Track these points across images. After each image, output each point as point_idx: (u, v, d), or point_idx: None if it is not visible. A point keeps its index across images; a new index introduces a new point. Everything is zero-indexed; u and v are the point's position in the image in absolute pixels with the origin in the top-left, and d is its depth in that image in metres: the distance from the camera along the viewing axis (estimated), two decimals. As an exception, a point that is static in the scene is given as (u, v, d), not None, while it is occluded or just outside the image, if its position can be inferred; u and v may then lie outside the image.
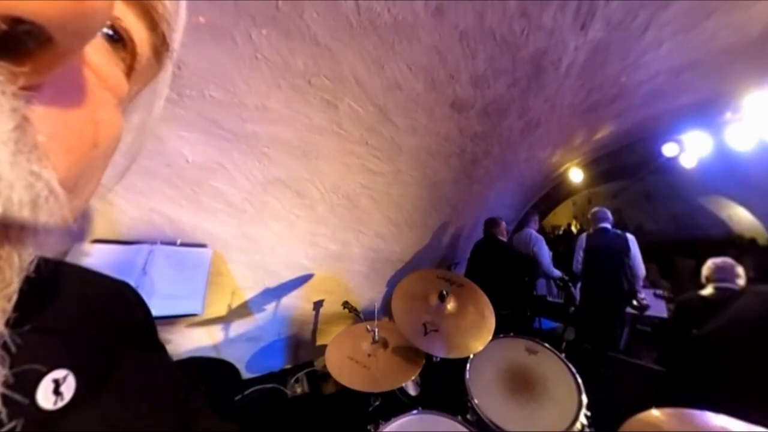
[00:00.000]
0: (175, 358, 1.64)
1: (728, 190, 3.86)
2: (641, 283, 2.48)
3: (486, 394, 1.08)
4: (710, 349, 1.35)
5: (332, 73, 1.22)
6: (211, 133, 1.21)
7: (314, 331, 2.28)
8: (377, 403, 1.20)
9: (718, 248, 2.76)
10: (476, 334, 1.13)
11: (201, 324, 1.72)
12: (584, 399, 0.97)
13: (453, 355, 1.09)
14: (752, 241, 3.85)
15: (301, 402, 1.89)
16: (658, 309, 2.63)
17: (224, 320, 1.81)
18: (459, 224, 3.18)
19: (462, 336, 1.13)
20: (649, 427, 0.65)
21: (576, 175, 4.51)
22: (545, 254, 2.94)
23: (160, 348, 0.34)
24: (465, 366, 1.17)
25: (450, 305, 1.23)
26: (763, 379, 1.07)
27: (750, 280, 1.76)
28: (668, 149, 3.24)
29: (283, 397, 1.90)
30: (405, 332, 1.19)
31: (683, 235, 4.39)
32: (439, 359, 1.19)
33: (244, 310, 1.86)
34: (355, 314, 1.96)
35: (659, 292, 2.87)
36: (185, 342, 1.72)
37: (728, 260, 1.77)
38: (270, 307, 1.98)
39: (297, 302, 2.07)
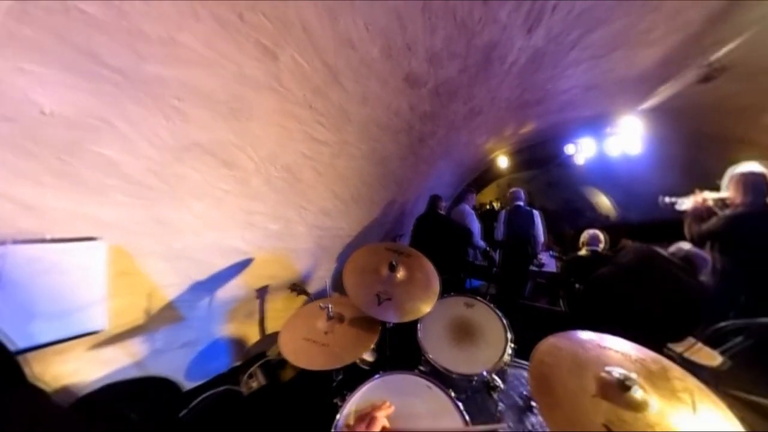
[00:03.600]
0: (83, 392, 1.24)
1: (599, 183, 5.61)
2: (541, 247, 3.27)
3: (436, 346, 1.23)
4: (600, 286, 1.87)
5: (274, 12, 0.98)
6: (85, 71, 0.82)
7: (261, 321, 2.06)
8: (340, 377, 1.21)
9: (590, 223, 3.73)
10: (424, 298, 1.23)
11: (111, 341, 1.33)
12: (510, 335, 1.22)
13: (406, 319, 1.16)
14: (607, 218, 5.71)
15: (261, 396, 1.72)
16: (551, 266, 3.53)
17: (144, 330, 1.44)
18: (403, 200, 3.29)
19: (413, 301, 1.22)
20: (550, 346, 0.91)
21: (503, 162, 5.53)
22: (476, 227, 3.45)
23: (29, 392, 0.22)
24: (416, 326, 1.29)
25: (400, 274, 1.30)
26: (635, 304, 1.51)
27: (607, 243, 2.59)
28: (568, 149, 4.30)
29: (239, 396, 1.69)
30: (359, 304, 1.20)
31: (569, 213, 6.17)
32: (392, 325, 1.26)
33: (169, 312, 1.52)
34: (305, 295, 1.85)
35: (552, 253, 3.84)
36: (94, 368, 1.32)
37: (596, 231, 2.57)
38: (203, 304, 1.67)
39: (237, 292, 1.82)
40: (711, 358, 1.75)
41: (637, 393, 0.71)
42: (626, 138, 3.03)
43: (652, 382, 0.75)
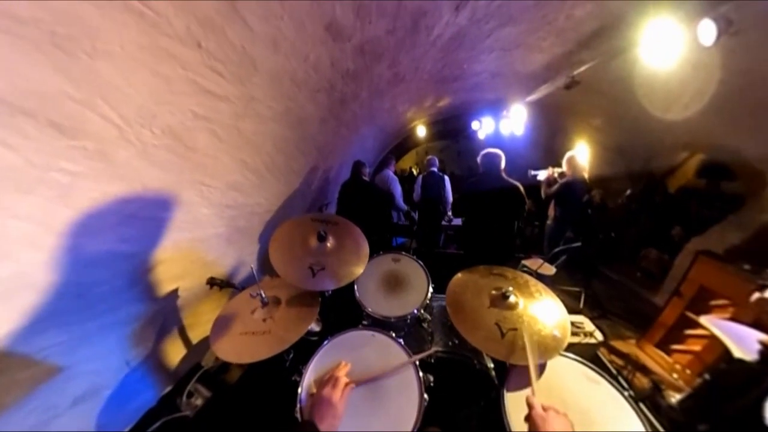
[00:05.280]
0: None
1: None
2: (449, 205, 3.91)
3: (373, 300, 1.39)
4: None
5: None
6: None
7: (182, 331, 1.66)
8: (291, 356, 1.19)
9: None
10: (356, 261, 1.30)
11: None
12: (430, 279, 1.48)
13: (343, 284, 1.21)
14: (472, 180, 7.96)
15: (211, 409, 1.45)
16: (457, 220, 4.32)
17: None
18: (326, 167, 3.11)
19: (346, 266, 1.27)
20: (458, 280, 1.27)
21: (421, 131, 6.08)
22: (398, 191, 3.78)
23: None
24: (353, 287, 1.40)
25: (330, 243, 1.31)
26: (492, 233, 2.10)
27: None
28: (474, 125, 5.17)
29: (186, 421, 1.38)
30: (293, 281, 1.17)
31: (471, 177, 7.69)
32: (330, 292, 1.29)
33: (30, 371, 0.99)
34: (230, 287, 1.58)
35: None
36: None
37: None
38: (86, 339, 1.17)
39: (135, 308, 1.36)
40: (550, 270, 2.76)
41: (512, 298, 1.10)
42: (514, 122, 3.84)
43: (520, 290, 1.16)
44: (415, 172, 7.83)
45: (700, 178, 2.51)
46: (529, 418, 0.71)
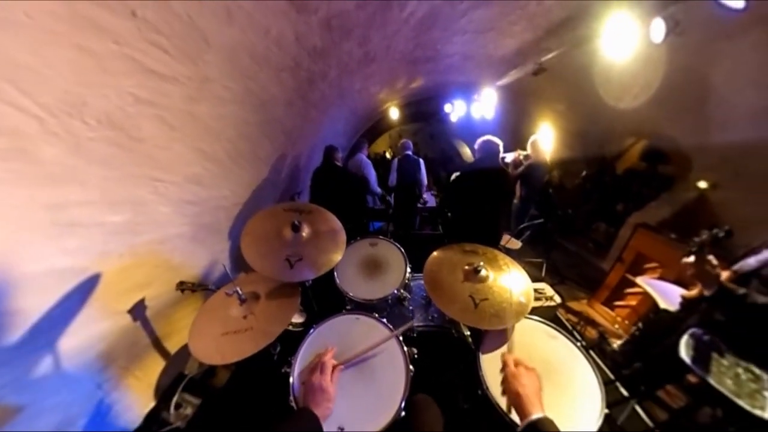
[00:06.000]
0: None
1: (465, 138, 7.10)
2: (424, 188, 3.99)
3: (353, 285, 1.42)
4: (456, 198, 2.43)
5: None
6: None
7: (157, 343, 1.51)
8: (278, 349, 1.17)
9: (457, 168, 4.83)
10: (334, 248, 1.29)
11: None
12: (407, 260, 1.53)
13: (322, 273, 1.21)
14: (470, 164, 8.01)
15: (204, 415, 1.37)
16: (432, 202, 4.50)
17: None
18: (296, 153, 2.93)
19: (324, 254, 1.25)
20: (434, 259, 1.34)
21: (394, 113, 5.92)
22: (373, 176, 3.72)
23: None
24: (333, 274, 1.40)
25: (305, 232, 1.28)
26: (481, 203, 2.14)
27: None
28: (446, 108, 5.20)
29: None
30: (271, 274, 1.13)
31: (444, 160, 7.82)
32: (311, 282, 1.28)
33: None
34: (202, 289, 1.47)
35: (432, 192, 4.89)
36: None
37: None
38: (43, 370, 1.02)
39: (97, 327, 1.19)
40: (516, 244, 2.95)
41: (483, 272, 1.19)
42: (485, 105, 3.92)
43: (490, 264, 1.25)
44: (388, 156, 7.73)
45: (643, 161, 2.83)
46: (503, 374, 0.80)
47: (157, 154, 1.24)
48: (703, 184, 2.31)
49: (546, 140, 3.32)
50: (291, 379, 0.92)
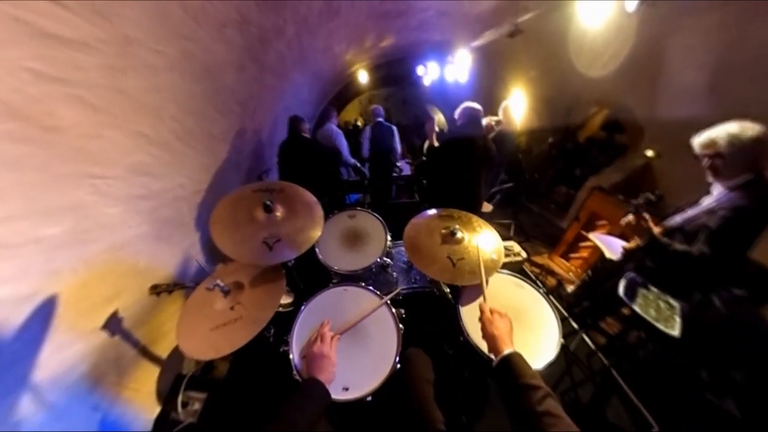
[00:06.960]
0: None
1: (439, 103, 7.01)
2: (399, 156, 3.93)
3: (336, 258, 1.44)
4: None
5: None
6: None
7: (144, 350, 1.40)
8: (272, 331, 1.18)
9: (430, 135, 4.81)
10: (312, 225, 1.26)
11: None
12: (387, 229, 1.57)
13: (303, 250, 1.19)
14: (441, 131, 7.76)
15: (213, 407, 1.35)
16: (407, 171, 4.45)
17: None
18: (256, 126, 2.62)
19: (303, 232, 1.23)
20: (412, 225, 1.42)
21: (363, 77, 5.47)
22: (345, 146, 3.54)
23: None
24: (314, 251, 1.42)
25: (279, 212, 1.24)
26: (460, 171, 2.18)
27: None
28: (419, 70, 4.89)
29: (194, 427, 1.29)
30: (250, 260, 1.10)
31: (418, 127, 7.48)
32: (293, 261, 1.27)
33: None
34: (180, 288, 1.36)
35: (407, 160, 4.82)
36: None
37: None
38: (25, 408, 0.91)
39: (72, 350, 1.07)
40: (488, 208, 3.16)
41: (459, 234, 1.29)
42: (459, 68, 3.73)
43: (465, 227, 1.35)
44: (360, 124, 7.33)
45: (602, 130, 3.06)
46: (481, 321, 0.91)
47: (85, 145, 1.02)
48: (650, 153, 2.61)
49: (517, 106, 3.37)
50: (291, 356, 0.97)
